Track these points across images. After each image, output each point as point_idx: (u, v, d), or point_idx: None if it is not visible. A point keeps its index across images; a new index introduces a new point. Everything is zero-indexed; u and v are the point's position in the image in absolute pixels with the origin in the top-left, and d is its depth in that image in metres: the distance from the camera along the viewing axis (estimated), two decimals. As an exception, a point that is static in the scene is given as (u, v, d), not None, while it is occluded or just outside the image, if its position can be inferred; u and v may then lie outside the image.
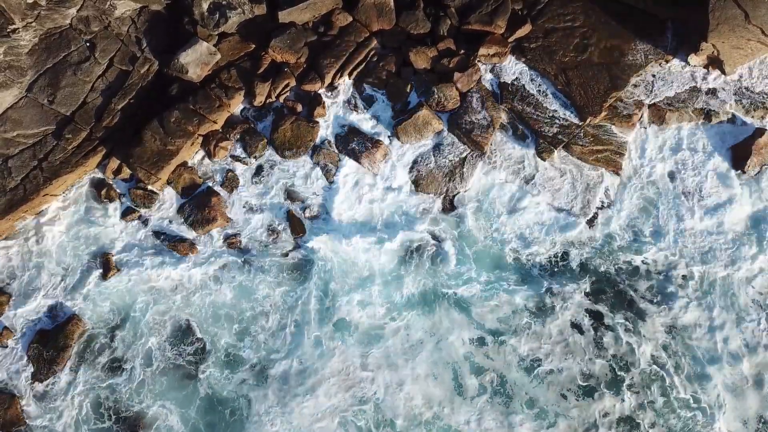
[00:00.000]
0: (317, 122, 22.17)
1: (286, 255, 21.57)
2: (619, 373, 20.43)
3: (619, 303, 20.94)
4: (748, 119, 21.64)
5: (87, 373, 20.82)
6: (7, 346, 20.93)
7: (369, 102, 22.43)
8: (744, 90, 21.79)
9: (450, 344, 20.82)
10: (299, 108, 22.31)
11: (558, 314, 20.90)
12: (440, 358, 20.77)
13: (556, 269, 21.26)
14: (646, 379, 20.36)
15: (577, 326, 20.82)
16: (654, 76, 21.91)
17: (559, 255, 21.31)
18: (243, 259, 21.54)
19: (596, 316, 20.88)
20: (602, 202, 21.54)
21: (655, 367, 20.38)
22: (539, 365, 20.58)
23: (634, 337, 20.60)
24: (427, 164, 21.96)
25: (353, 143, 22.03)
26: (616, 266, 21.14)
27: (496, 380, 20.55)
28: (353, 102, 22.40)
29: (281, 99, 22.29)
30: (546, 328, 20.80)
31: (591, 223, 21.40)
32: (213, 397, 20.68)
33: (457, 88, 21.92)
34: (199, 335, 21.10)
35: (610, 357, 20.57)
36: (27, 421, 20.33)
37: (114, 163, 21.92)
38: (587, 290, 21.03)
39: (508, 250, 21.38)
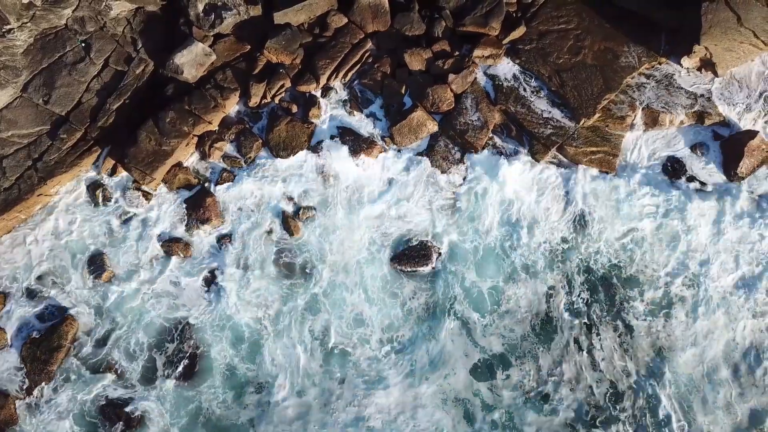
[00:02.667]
0: (312, 123, 22.22)
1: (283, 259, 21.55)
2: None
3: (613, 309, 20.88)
4: (740, 121, 21.77)
5: (80, 376, 20.74)
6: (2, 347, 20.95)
7: (364, 103, 22.49)
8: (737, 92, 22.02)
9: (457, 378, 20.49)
10: (294, 109, 22.37)
11: (561, 330, 20.72)
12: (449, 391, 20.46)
13: (554, 273, 21.28)
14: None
15: (577, 342, 20.65)
16: (648, 77, 22.08)
17: (558, 257, 21.37)
18: (237, 261, 21.60)
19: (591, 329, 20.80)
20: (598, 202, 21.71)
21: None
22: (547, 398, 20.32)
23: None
24: (422, 165, 22.01)
25: (348, 144, 22.08)
26: (612, 267, 21.22)
27: (505, 416, 20.14)
28: (348, 103, 22.46)
29: (276, 100, 22.35)
30: (550, 353, 20.59)
31: (586, 224, 21.52)
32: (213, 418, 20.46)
33: (451, 90, 22.01)
34: (197, 347, 20.91)
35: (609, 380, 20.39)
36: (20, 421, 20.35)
37: (109, 163, 21.94)
38: (581, 296, 21.02)
39: (505, 252, 21.38)
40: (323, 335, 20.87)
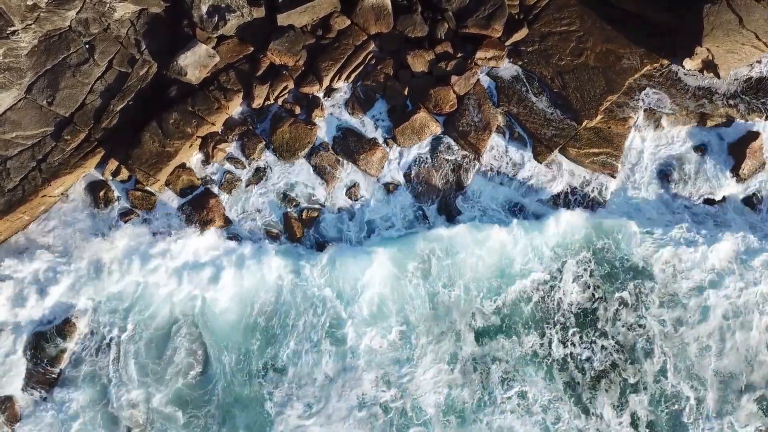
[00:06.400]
0: (315, 124, 22.27)
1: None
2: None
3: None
4: (742, 122, 21.83)
5: (82, 378, 20.83)
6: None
7: (367, 104, 22.53)
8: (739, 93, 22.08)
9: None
10: (297, 110, 22.43)
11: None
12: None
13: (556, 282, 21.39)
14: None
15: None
16: (650, 79, 22.14)
17: (558, 262, 21.45)
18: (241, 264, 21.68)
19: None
20: (598, 205, 21.74)
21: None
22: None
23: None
24: (424, 167, 22.09)
25: (351, 145, 22.14)
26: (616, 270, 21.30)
27: None
28: (351, 104, 22.51)
29: (279, 101, 22.40)
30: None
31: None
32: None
33: (454, 91, 22.07)
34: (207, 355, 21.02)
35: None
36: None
37: (112, 164, 21.99)
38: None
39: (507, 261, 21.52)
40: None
